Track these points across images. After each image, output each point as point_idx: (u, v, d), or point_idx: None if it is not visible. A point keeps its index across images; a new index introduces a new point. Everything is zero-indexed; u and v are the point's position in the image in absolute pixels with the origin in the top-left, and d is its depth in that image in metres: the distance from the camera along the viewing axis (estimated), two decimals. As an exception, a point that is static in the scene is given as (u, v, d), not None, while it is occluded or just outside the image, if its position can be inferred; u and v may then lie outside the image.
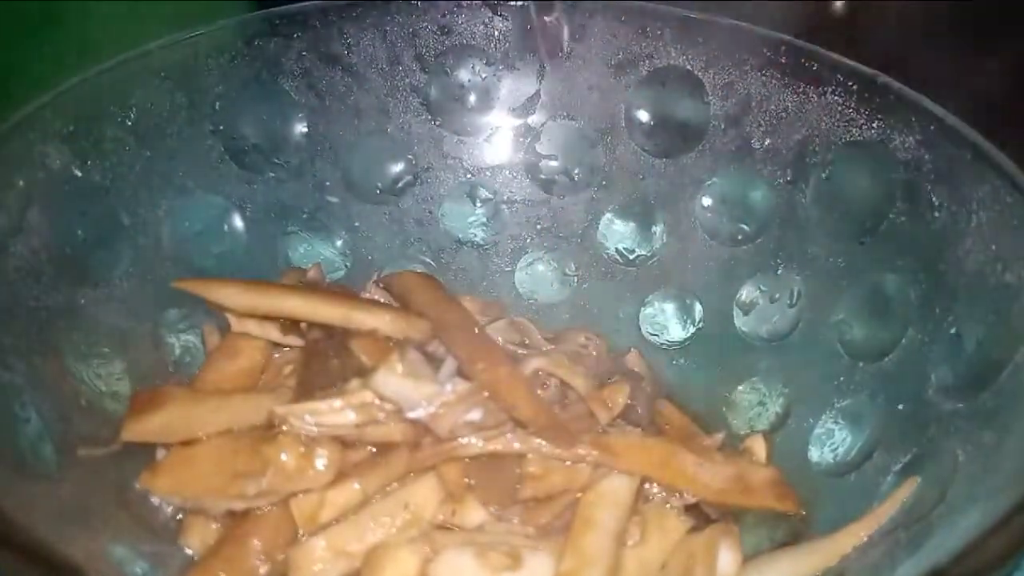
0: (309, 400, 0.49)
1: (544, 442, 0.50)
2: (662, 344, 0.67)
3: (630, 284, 0.68)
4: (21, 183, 0.51)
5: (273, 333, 0.56)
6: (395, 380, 0.49)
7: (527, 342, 0.61)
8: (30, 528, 0.37)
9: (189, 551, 0.50)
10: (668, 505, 0.51)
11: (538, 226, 0.70)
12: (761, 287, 0.63)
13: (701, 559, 0.49)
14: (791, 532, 0.53)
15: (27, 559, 0.35)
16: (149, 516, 0.50)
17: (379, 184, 0.68)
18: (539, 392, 0.53)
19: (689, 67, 0.63)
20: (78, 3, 0.59)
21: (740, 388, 0.62)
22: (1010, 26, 0.77)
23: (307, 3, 0.64)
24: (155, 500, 0.50)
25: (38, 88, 0.53)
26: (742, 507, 0.52)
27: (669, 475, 0.51)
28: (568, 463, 0.50)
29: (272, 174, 0.65)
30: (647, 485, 0.51)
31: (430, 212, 0.69)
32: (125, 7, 0.57)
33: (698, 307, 0.66)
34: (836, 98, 0.58)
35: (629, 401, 0.55)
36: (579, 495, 0.50)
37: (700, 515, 0.52)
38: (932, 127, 0.54)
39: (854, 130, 0.58)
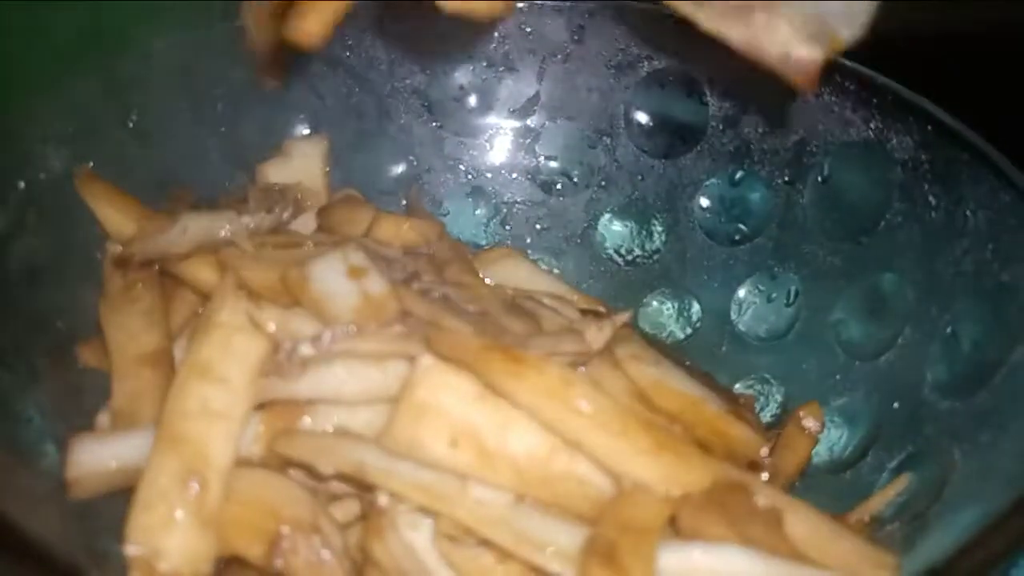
0: None
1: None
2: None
3: (629, 284, 0.68)
4: (21, 184, 0.51)
5: None
6: None
7: None
8: (30, 529, 0.36)
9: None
10: None
11: (538, 227, 0.70)
12: (759, 287, 0.63)
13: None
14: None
15: (27, 561, 0.35)
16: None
17: (380, 186, 0.68)
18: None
19: (687, 68, 0.64)
20: (78, 2, 0.59)
21: (737, 387, 0.62)
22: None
23: (307, 4, 0.64)
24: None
25: (38, 88, 0.53)
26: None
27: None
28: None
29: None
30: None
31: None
32: (126, 7, 0.58)
33: (696, 307, 0.66)
34: (833, 98, 0.58)
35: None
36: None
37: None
38: (929, 127, 0.54)
39: (852, 130, 0.58)
